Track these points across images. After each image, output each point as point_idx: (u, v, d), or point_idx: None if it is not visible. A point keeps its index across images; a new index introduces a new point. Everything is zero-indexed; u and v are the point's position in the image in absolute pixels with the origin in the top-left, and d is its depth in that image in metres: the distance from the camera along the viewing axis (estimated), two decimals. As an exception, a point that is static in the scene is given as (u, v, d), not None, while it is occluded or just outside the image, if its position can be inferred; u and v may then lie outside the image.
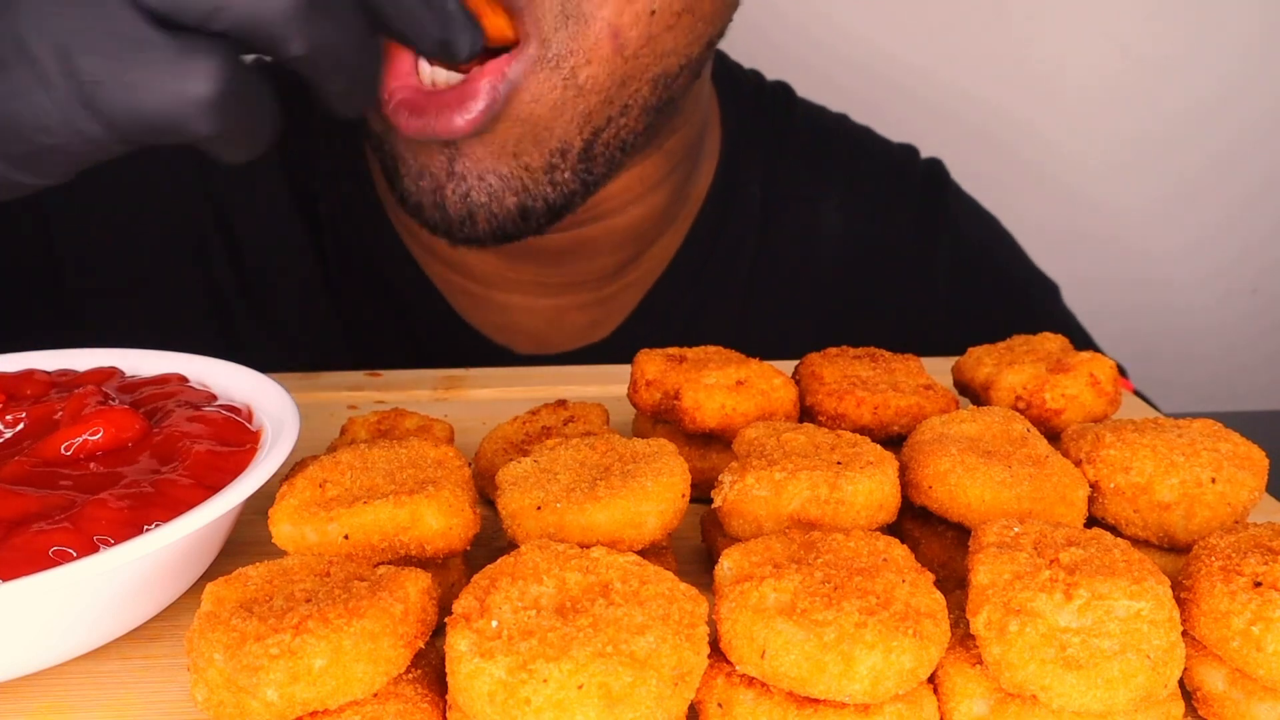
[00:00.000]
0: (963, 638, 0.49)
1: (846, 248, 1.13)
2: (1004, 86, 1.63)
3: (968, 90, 1.62)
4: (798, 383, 0.71)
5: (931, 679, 0.48)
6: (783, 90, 1.17)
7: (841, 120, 1.19)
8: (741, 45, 1.08)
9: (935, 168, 1.18)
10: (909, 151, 1.19)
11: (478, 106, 0.76)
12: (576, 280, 1.03)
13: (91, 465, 0.57)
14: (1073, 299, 1.22)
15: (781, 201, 1.12)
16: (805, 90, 1.19)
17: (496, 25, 0.74)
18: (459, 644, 0.43)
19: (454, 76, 0.77)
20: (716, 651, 0.47)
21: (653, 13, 0.78)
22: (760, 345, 0.74)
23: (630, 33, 0.78)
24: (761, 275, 1.11)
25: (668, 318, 1.08)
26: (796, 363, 0.74)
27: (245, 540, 0.61)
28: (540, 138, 0.80)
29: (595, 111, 0.81)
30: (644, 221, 1.02)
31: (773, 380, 0.68)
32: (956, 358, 0.76)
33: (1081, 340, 1.12)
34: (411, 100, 0.77)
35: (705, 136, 1.06)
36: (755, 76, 1.17)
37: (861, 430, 0.67)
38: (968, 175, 1.21)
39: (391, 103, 0.78)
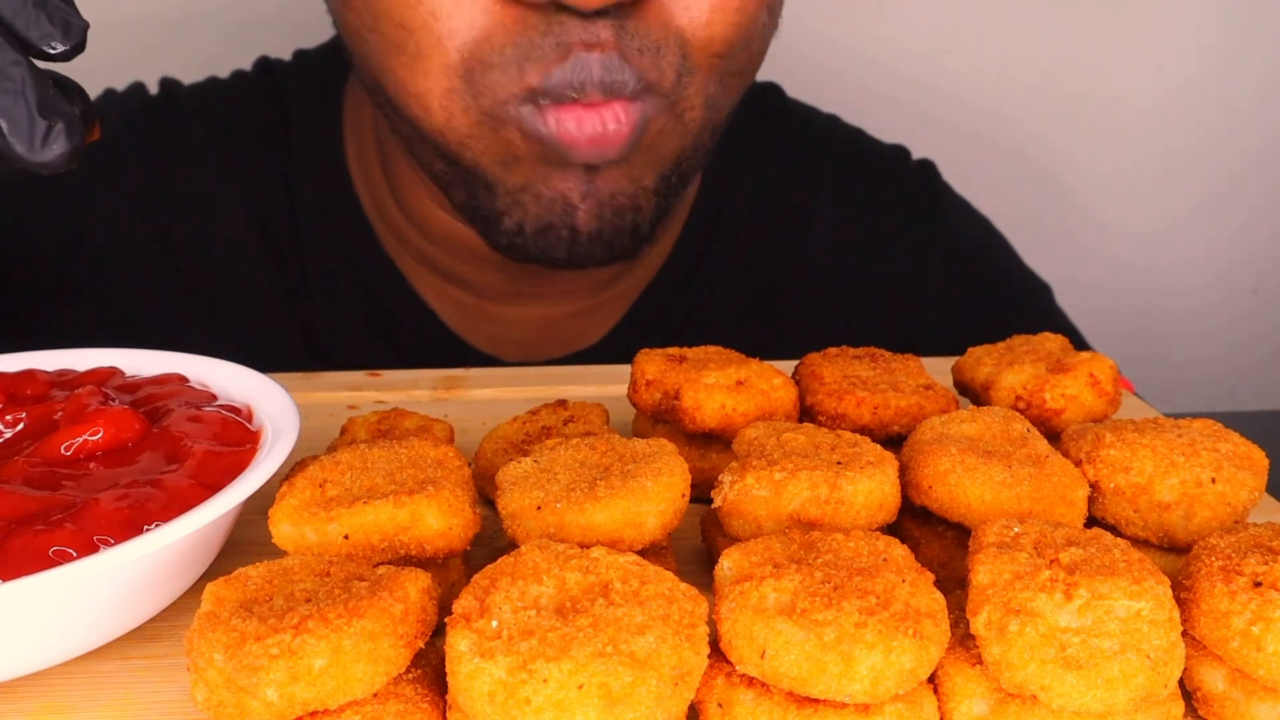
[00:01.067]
0: (963, 638, 0.49)
1: (838, 249, 1.13)
2: (997, 87, 1.63)
3: (960, 91, 1.62)
4: (798, 383, 0.71)
5: (931, 679, 0.48)
6: (773, 91, 1.17)
7: (833, 121, 1.19)
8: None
9: (927, 169, 1.18)
10: (900, 153, 1.19)
11: (630, 125, 0.83)
12: (571, 289, 1.03)
13: (92, 465, 0.56)
14: (1070, 299, 1.22)
15: (772, 203, 1.12)
16: (796, 91, 1.19)
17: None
18: (459, 644, 0.43)
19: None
20: (716, 651, 0.47)
21: (724, 76, 0.87)
22: (752, 347, 0.74)
23: (713, 88, 0.87)
24: (753, 278, 1.11)
25: (658, 323, 1.08)
26: (796, 363, 0.74)
27: (245, 540, 0.61)
28: (653, 162, 0.88)
29: (685, 148, 0.89)
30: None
31: (773, 380, 0.68)
32: (956, 358, 0.76)
33: (1075, 341, 1.12)
34: (576, 111, 0.82)
35: None
36: None
37: (861, 430, 0.67)
38: (961, 176, 1.21)
39: (555, 121, 0.82)
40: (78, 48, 0.55)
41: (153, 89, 1.11)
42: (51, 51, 0.54)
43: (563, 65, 0.79)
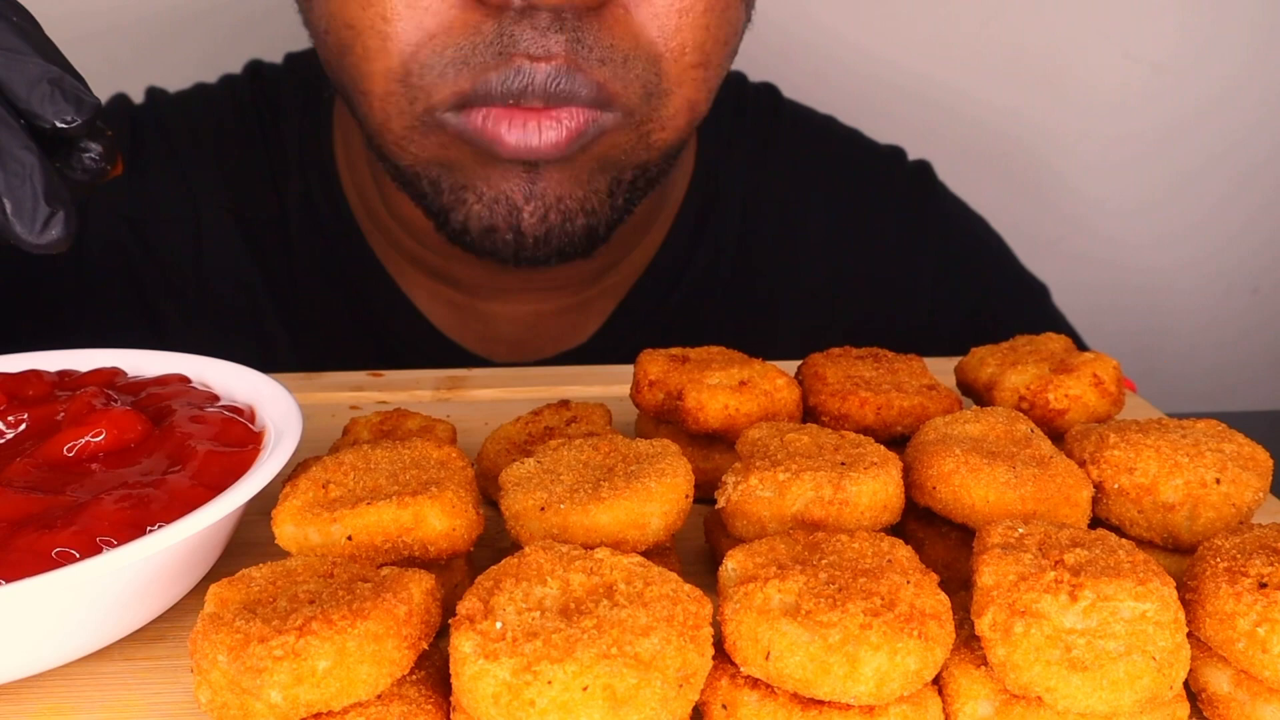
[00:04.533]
0: (967, 639, 0.48)
1: (832, 249, 1.13)
2: (997, 88, 1.63)
3: (959, 92, 1.62)
4: (800, 383, 0.71)
5: (936, 680, 0.48)
6: (768, 91, 1.17)
7: (829, 122, 1.19)
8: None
9: (923, 169, 1.18)
10: (896, 153, 1.19)
11: (574, 128, 0.82)
12: (557, 284, 1.03)
13: (94, 466, 0.56)
14: (1070, 300, 1.21)
15: (765, 202, 1.12)
16: (793, 91, 1.19)
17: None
18: (463, 645, 0.43)
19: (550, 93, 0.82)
20: (721, 653, 0.47)
21: (711, 89, 0.87)
22: (748, 345, 0.74)
23: (702, 107, 0.87)
24: (746, 276, 1.11)
25: (646, 321, 1.08)
26: (799, 363, 0.74)
27: (248, 541, 0.61)
28: (606, 169, 0.88)
29: (648, 163, 0.89)
30: (624, 225, 1.02)
31: (776, 381, 0.68)
32: (959, 358, 0.76)
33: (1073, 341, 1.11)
34: (510, 114, 0.81)
35: None
36: (738, 77, 1.16)
37: (865, 431, 0.67)
38: (960, 177, 1.21)
39: (482, 119, 0.81)
40: (88, 123, 0.56)
41: (142, 91, 1.11)
42: (63, 127, 0.56)
43: (502, 72, 0.79)
